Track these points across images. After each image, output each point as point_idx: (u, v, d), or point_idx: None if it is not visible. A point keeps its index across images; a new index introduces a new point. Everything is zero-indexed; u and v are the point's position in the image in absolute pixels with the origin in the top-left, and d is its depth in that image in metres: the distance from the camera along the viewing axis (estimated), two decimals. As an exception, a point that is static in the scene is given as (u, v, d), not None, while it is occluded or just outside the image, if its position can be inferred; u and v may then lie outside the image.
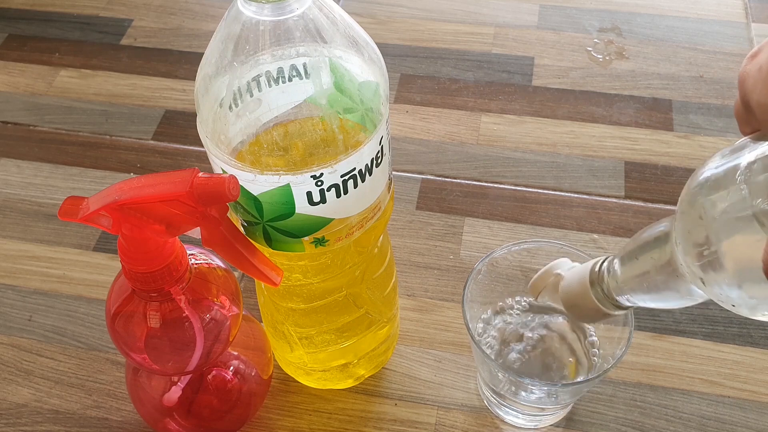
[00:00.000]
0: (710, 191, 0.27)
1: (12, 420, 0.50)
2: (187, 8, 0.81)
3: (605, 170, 0.63)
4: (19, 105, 0.71)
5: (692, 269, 0.29)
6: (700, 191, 0.28)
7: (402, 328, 0.54)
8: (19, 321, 0.55)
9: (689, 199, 0.28)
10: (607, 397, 0.50)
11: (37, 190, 0.64)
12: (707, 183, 0.27)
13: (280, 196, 0.35)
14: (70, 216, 0.33)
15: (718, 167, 0.27)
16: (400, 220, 0.60)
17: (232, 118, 0.34)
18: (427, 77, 0.72)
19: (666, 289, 0.31)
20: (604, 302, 0.35)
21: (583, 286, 0.36)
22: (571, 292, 0.37)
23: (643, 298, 0.33)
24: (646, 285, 0.32)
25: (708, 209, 0.27)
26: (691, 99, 0.69)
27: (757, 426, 0.48)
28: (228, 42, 0.33)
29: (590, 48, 0.74)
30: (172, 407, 0.46)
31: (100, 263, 0.59)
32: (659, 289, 0.32)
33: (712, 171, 0.28)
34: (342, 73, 0.34)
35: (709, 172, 0.28)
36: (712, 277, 0.28)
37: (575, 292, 0.36)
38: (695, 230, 0.28)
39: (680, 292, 0.30)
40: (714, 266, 0.27)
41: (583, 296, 0.36)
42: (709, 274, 0.28)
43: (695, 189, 0.28)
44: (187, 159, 0.66)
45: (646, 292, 0.33)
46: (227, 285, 0.41)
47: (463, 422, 0.49)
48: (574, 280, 0.37)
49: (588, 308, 0.36)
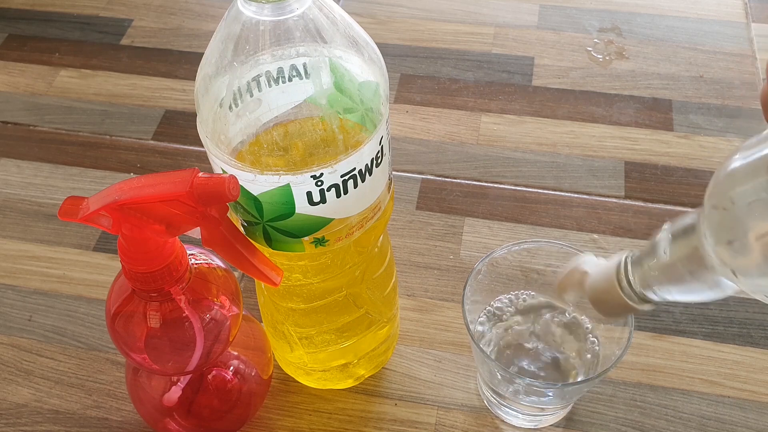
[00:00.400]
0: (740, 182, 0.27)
1: (12, 420, 0.50)
2: (187, 8, 0.81)
3: (605, 170, 0.63)
4: (19, 105, 0.71)
5: (723, 260, 0.28)
6: (730, 182, 0.28)
7: (402, 328, 0.54)
8: (19, 321, 0.55)
9: (718, 191, 0.28)
10: (607, 397, 0.50)
11: (37, 190, 0.64)
12: (736, 174, 0.27)
13: (280, 196, 0.35)
14: (70, 216, 0.33)
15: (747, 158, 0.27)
16: (400, 220, 0.60)
17: (232, 118, 0.34)
18: (427, 77, 0.72)
19: (695, 281, 0.31)
20: (632, 297, 0.35)
21: (610, 282, 0.36)
22: (598, 289, 0.37)
23: (671, 290, 0.33)
24: (675, 278, 0.32)
25: (737, 199, 0.27)
26: (691, 99, 0.69)
27: (757, 426, 0.48)
28: (228, 42, 0.33)
29: (590, 48, 0.74)
30: (172, 407, 0.46)
31: (100, 263, 0.59)
32: (688, 281, 0.32)
33: (740, 162, 0.27)
34: (342, 73, 0.34)
35: (737, 162, 0.28)
36: (743, 267, 0.28)
37: (602, 289, 0.36)
38: (725, 221, 0.28)
39: (709, 284, 0.30)
40: (746, 256, 0.27)
41: (610, 292, 0.36)
42: (740, 264, 0.28)
43: (724, 180, 0.28)
44: (187, 159, 0.66)
45: (674, 285, 0.33)
46: (227, 285, 0.41)
47: (463, 422, 0.49)
48: (600, 276, 0.37)
49: (616, 304, 0.36)
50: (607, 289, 0.36)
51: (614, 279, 0.35)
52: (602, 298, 0.37)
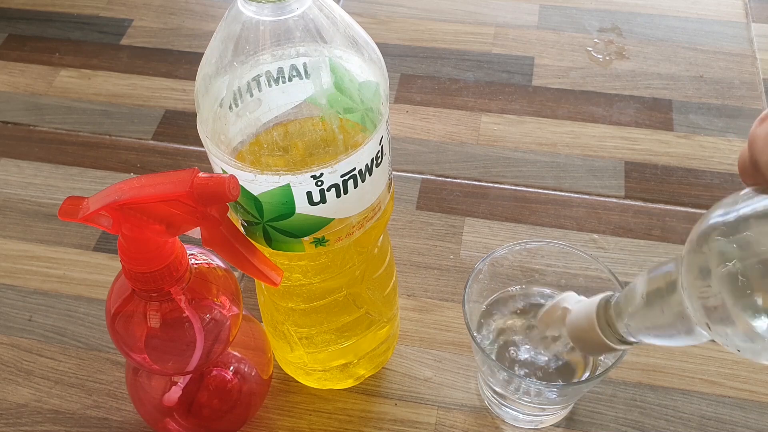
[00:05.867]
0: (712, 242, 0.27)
1: (12, 420, 0.50)
2: (187, 8, 0.81)
3: (605, 170, 0.63)
4: (19, 105, 0.71)
5: (697, 315, 0.28)
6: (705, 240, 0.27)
7: (402, 328, 0.54)
8: (19, 321, 0.55)
9: (693, 248, 0.28)
10: (607, 397, 0.50)
11: (37, 190, 0.64)
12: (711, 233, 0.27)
13: (280, 196, 0.35)
14: (70, 216, 0.33)
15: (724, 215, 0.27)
16: (400, 220, 0.60)
17: (232, 118, 0.34)
18: (427, 77, 0.72)
19: (672, 329, 0.31)
20: (610, 337, 0.36)
21: (590, 320, 0.36)
22: (578, 327, 0.37)
23: (648, 336, 0.33)
24: (652, 324, 0.33)
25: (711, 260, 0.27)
26: (691, 99, 0.69)
27: (757, 426, 0.48)
28: (228, 42, 0.33)
29: (590, 48, 0.74)
30: (172, 407, 0.46)
31: (100, 263, 0.59)
32: (665, 328, 0.32)
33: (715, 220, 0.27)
34: (342, 73, 0.34)
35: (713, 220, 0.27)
36: (717, 324, 0.28)
37: (582, 327, 0.37)
38: (700, 279, 0.28)
39: (687, 333, 0.31)
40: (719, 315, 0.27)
41: (589, 331, 0.36)
42: (714, 321, 0.28)
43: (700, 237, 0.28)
44: (187, 159, 0.66)
45: (651, 331, 0.33)
46: (227, 285, 0.41)
47: (463, 422, 0.49)
48: (581, 314, 0.37)
49: (594, 342, 0.36)
50: (586, 328, 0.36)
51: (594, 319, 0.36)
52: (581, 336, 0.37)
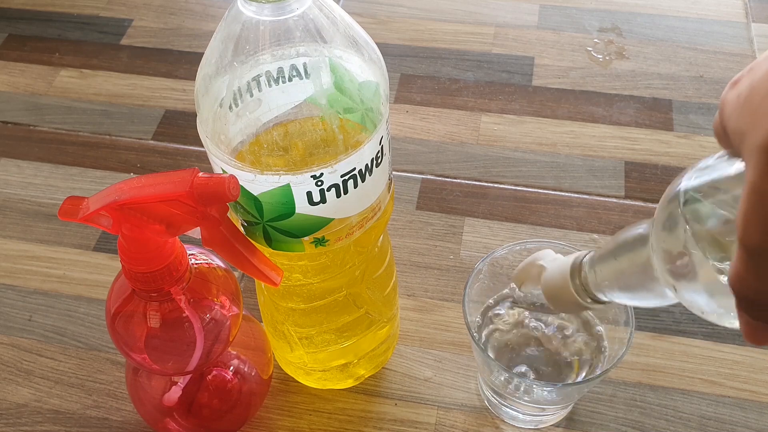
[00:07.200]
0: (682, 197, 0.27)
1: (12, 420, 0.50)
2: (187, 8, 0.81)
3: (605, 170, 0.63)
4: (19, 105, 0.71)
5: (665, 276, 0.29)
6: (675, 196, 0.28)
7: (402, 328, 0.54)
8: (19, 321, 0.55)
9: (663, 204, 0.29)
10: (607, 397, 0.50)
11: (37, 190, 0.64)
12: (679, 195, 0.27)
13: (280, 196, 0.35)
14: (70, 216, 0.33)
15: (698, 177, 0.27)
16: (400, 220, 0.60)
17: (232, 118, 0.34)
18: (427, 77, 0.72)
19: (641, 289, 0.32)
20: (583, 295, 0.36)
21: (564, 278, 0.37)
22: (552, 284, 0.38)
23: (619, 295, 0.34)
24: (623, 283, 0.33)
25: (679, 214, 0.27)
26: (691, 99, 0.69)
27: (757, 426, 0.48)
28: (228, 42, 0.33)
29: (590, 48, 0.74)
30: (172, 407, 0.46)
31: (100, 263, 0.59)
32: (635, 288, 0.32)
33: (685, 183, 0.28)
34: (342, 73, 0.34)
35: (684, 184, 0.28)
36: (683, 285, 0.28)
37: (556, 285, 0.37)
38: (669, 240, 0.28)
39: (655, 293, 0.31)
40: (686, 276, 0.28)
41: (563, 288, 0.37)
42: (680, 282, 0.28)
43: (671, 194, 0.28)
44: (187, 159, 0.66)
45: (622, 290, 0.34)
46: (227, 285, 0.41)
47: (463, 422, 0.49)
48: (555, 272, 0.38)
49: (567, 300, 0.37)
50: (560, 285, 0.37)
51: (568, 277, 0.36)
52: (555, 293, 0.37)
